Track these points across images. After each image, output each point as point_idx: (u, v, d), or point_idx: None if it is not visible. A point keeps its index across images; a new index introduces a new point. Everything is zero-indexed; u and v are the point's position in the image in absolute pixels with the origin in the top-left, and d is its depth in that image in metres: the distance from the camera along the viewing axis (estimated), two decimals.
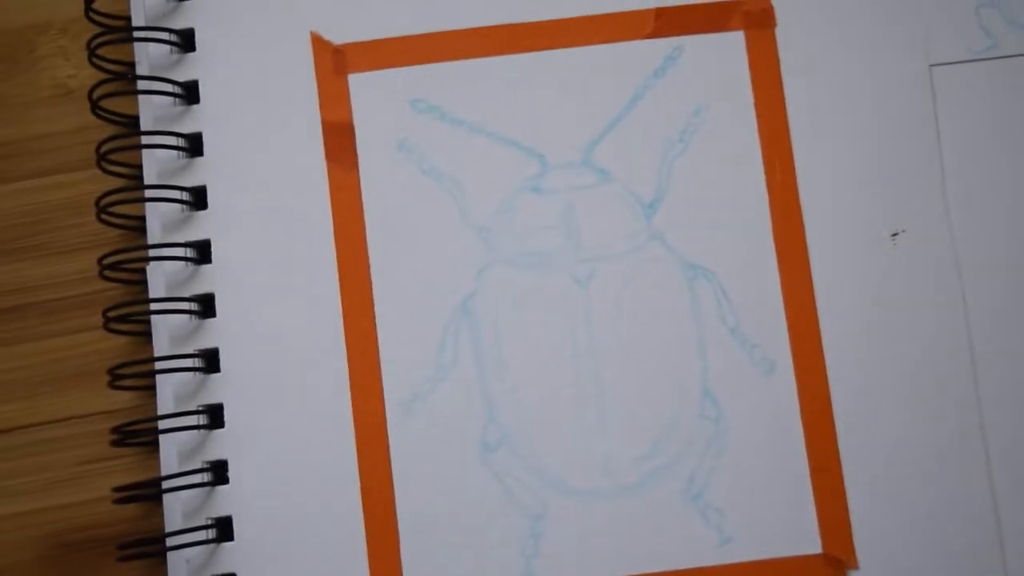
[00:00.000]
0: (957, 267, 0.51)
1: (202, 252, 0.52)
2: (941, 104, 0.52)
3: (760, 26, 0.53)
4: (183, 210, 0.52)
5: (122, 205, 0.52)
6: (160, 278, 0.52)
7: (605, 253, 0.52)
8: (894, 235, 0.52)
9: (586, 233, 0.52)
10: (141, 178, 0.53)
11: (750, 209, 0.52)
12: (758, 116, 0.52)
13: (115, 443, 0.50)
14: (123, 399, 0.52)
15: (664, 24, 0.53)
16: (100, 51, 0.52)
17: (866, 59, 0.53)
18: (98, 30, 0.53)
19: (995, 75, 0.53)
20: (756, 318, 0.51)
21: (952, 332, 0.51)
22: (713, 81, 0.53)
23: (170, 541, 0.50)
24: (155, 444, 0.51)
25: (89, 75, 0.53)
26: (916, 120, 0.52)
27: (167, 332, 0.52)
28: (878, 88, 0.53)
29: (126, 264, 0.51)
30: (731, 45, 0.53)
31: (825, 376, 0.51)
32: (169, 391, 0.51)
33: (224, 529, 0.51)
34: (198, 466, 0.51)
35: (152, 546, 0.50)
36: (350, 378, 0.51)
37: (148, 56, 0.53)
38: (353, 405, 0.51)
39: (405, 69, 0.53)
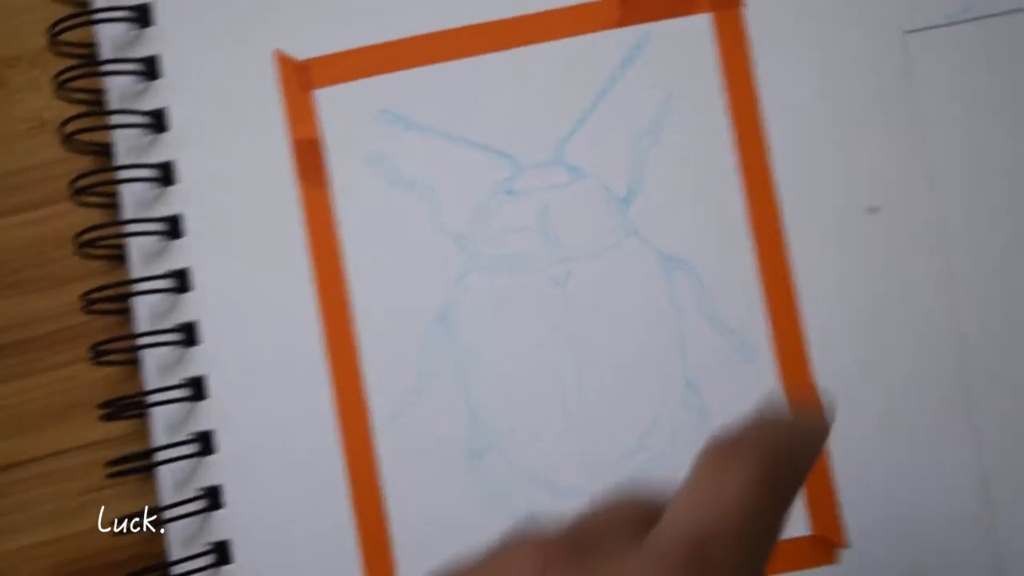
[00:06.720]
0: (942, 241, 0.51)
1: (182, 281, 0.53)
2: (918, 72, 0.51)
3: (727, 6, 0.52)
4: (159, 240, 0.53)
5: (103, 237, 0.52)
6: (145, 310, 0.53)
7: (582, 251, 0.52)
8: (874, 211, 0.51)
9: (563, 232, 0.52)
10: (117, 207, 0.53)
11: (725, 195, 0.52)
12: (729, 99, 0.52)
13: (111, 475, 0.51)
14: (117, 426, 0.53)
15: (629, 11, 0.52)
16: (70, 83, 0.52)
17: (837, 31, 0.52)
18: (66, 63, 0.53)
19: (971, 37, 0.51)
20: (735, 305, 0.51)
21: (938, 308, 0.51)
22: (682, 67, 0.52)
23: (174, 570, 0.51)
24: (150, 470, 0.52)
25: (62, 106, 0.54)
26: (893, 91, 0.51)
27: (155, 363, 0.53)
28: (851, 60, 0.51)
29: (110, 297, 0.52)
30: (699, 28, 0.52)
31: (806, 358, 0.51)
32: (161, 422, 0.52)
33: (222, 553, 0.52)
34: (193, 498, 0.52)
35: (156, 573, 0.51)
36: (335, 395, 0.52)
37: (117, 86, 0.53)
38: (340, 420, 0.51)
39: (370, 80, 0.53)
